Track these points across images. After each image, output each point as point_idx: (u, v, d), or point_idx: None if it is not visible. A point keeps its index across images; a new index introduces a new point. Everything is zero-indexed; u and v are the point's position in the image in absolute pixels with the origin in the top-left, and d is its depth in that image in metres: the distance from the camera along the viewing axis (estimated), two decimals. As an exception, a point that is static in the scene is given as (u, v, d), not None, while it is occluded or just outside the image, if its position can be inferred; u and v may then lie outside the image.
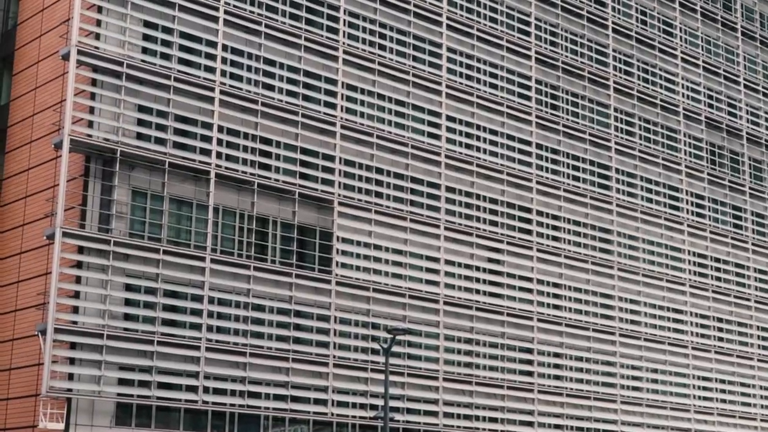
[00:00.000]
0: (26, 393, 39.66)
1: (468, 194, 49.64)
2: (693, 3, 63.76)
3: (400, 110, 48.01)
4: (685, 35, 63.03)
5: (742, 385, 60.18)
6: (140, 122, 40.17)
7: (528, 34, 54.16)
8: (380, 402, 42.09)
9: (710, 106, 63.42)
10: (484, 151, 50.80)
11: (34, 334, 38.36)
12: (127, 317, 38.77)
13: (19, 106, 45.31)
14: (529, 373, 49.95)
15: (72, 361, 37.36)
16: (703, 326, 58.97)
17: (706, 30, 64.59)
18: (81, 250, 38.09)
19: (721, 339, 59.81)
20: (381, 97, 47.42)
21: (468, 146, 50.19)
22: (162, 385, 38.74)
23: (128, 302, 38.92)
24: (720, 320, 60.14)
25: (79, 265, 38.05)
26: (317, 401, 42.66)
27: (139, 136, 39.99)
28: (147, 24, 40.96)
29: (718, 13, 65.39)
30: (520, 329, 50.05)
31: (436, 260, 47.74)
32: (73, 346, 37.39)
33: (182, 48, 41.58)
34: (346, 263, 44.81)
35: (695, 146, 61.75)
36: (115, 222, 38.92)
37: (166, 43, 41.24)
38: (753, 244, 63.35)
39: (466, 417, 47.08)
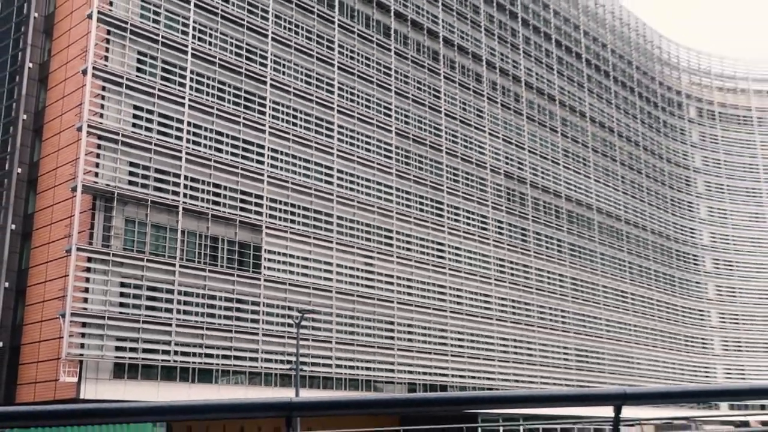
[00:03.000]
0: (51, 357, 38.78)
1: (351, 221, 50.42)
2: (495, 97, 65.85)
3: (307, 165, 48.58)
4: (491, 118, 65.00)
5: (528, 343, 62.07)
6: (131, 173, 39.91)
7: (390, 116, 55.36)
8: (293, 358, 42.50)
9: (507, 163, 65.48)
10: (362, 192, 51.67)
11: (56, 317, 37.69)
12: (122, 305, 38.34)
13: (47, 162, 44.35)
14: (391, 338, 50.87)
15: (83, 335, 36.84)
16: (502, 305, 60.70)
17: (504, 116, 66.71)
18: (89, 259, 37.67)
19: (514, 314, 61.62)
20: (294, 156, 47.91)
21: (351, 189, 50.98)
22: (146, 351, 38.47)
23: (122, 295, 38.50)
24: (514, 301, 61.94)
25: (88, 270, 37.61)
26: (251, 359, 42.80)
27: (130, 183, 39.77)
28: (136, 107, 40.79)
29: (511, 104, 67.70)
30: (385, 309, 50.91)
31: (330, 264, 48.35)
32: (83, 324, 36.88)
33: (160, 123, 41.52)
34: (271, 267, 45.06)
35: (497, 190, 63.64)
36: (113, 240, 38.56)
37: (149, 120, 41.14)
38: (534, 253, 65.59)
39: (351, 367, 47.66)
